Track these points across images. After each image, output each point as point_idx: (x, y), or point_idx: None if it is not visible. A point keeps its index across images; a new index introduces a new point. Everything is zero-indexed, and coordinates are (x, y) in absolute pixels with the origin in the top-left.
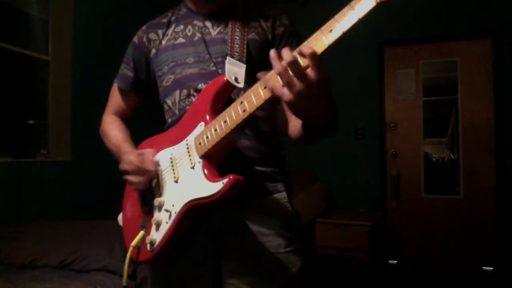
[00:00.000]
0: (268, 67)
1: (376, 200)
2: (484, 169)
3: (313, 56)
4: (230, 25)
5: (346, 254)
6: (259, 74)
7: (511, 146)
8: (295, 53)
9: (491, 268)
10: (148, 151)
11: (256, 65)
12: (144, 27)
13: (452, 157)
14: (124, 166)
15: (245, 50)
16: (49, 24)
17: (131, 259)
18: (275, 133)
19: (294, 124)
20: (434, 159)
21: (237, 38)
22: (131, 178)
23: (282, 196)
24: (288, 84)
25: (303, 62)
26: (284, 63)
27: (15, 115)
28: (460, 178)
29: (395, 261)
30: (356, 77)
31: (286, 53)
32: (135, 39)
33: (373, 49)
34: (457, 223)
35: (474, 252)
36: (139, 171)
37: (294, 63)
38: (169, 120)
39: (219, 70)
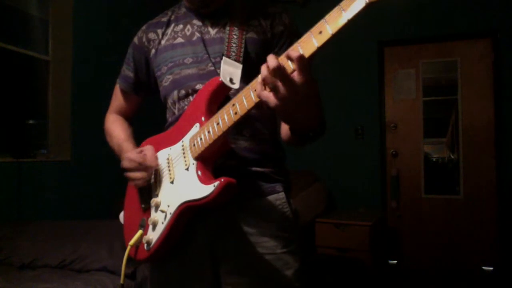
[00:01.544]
0: None
1: (376, 200)
2: (484, 169)
3: (300, 59)
4: (228, 24)
5: (346, 254)
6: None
7: (511, 146)
8: (282, 57)
9: (491, 268)
10: (148, 148)
11: (254, 65)
12: (144, 27)
13: (452, 157)
14: (125, 164)
15: (242, 50)
16: (49, 24)
17: (130, 258)
18: (274, 133)
19: (284, 127)
20: (434, 159)
21: (235, 37)
22: (133, 174)
23: (280, 196)
24: (273, 89)
25: (292, 65)
26: (269, 68)
27: (15, 115)
28: (460, 178)
29: (395, 261)
30: (356, 77)
31: (271, 59)
32: (135, 39)
33: (373, 49)
34: (457, 223)
35: (474, 252)
36: (141, 167)
37: (278, 69)
38: (170, 119)
39: (218, 70)
